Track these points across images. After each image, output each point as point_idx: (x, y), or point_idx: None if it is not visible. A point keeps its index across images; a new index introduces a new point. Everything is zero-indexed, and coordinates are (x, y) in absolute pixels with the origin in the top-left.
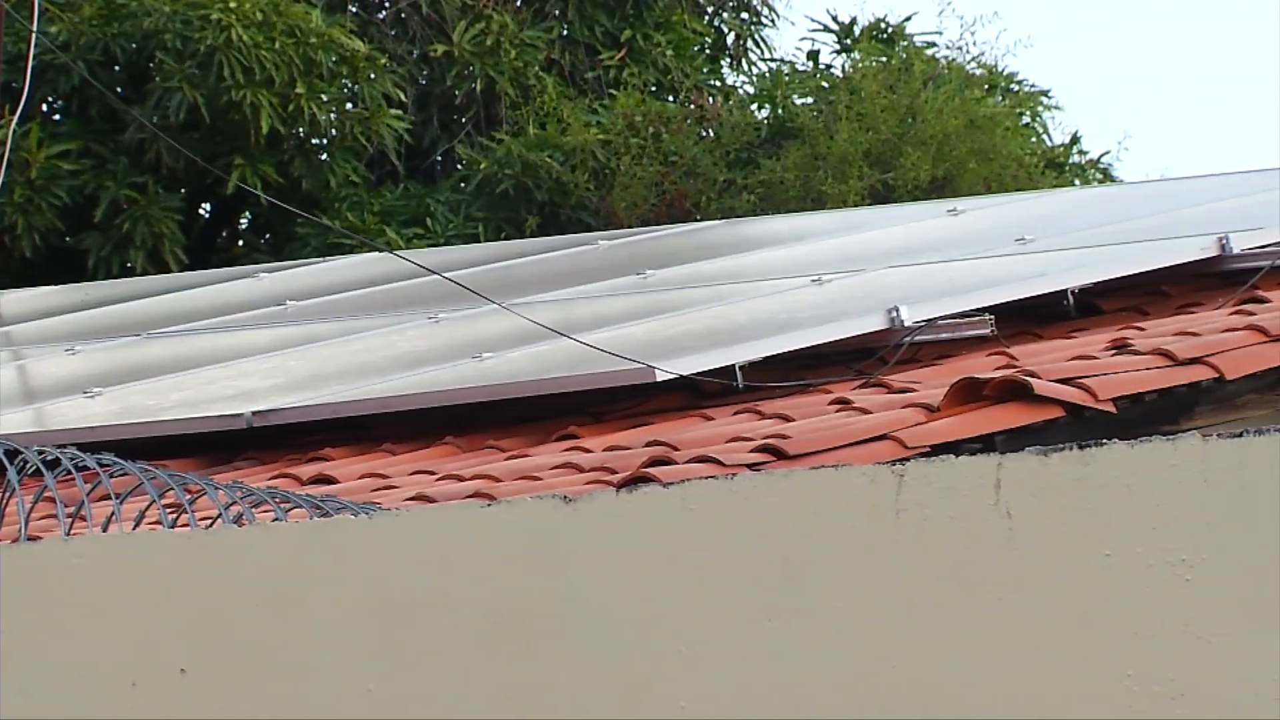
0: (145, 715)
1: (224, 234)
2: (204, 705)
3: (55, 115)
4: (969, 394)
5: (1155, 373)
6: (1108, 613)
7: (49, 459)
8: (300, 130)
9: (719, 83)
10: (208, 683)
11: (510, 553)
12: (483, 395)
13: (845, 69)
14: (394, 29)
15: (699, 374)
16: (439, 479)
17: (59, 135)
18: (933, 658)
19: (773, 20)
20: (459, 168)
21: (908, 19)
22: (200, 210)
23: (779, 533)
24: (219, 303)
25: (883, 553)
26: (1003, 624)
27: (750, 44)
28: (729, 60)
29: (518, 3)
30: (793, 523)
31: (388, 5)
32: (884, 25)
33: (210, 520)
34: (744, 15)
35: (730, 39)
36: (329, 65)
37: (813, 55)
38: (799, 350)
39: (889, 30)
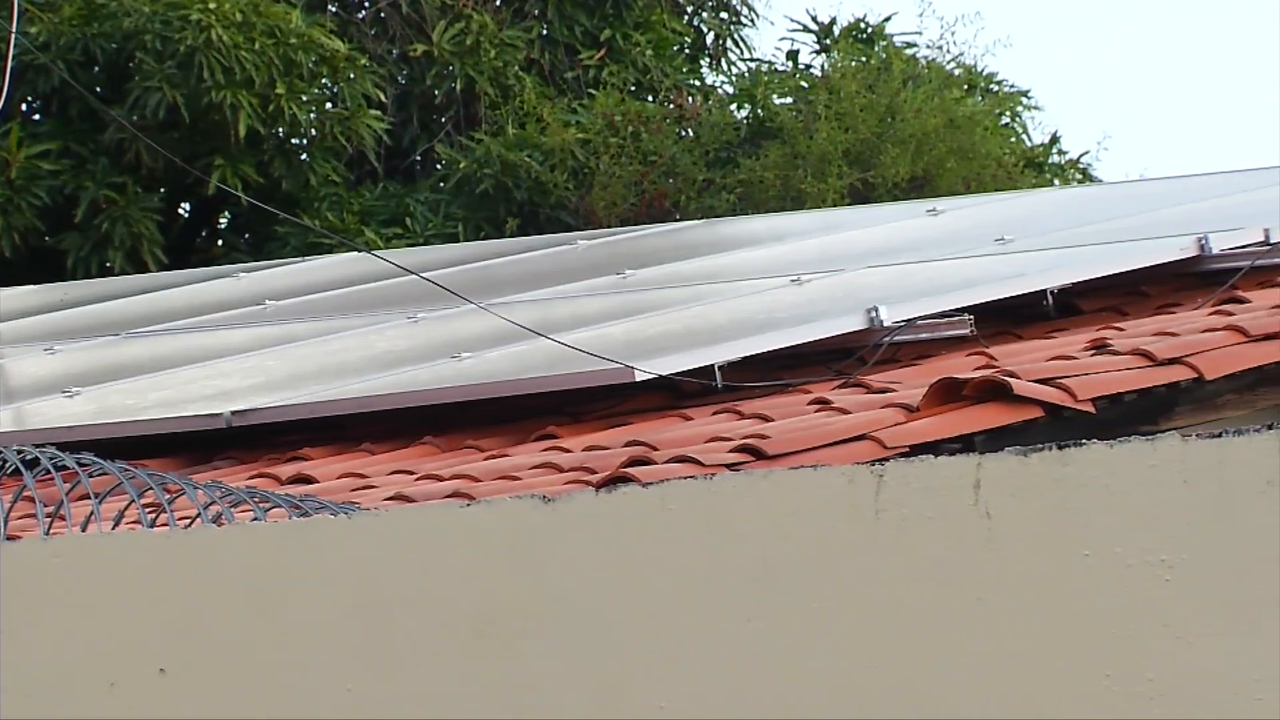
0: (124, 715)
1: (203, 234)
2: (183, 705)
3: (35, 115)
4: (948, 394)
5: (1134, 373)
6: (1087, 613)
7: (28, 458)
8: (280, 130)
9: (698, 82)
10: (187, 683)
11: (489, 553)
12: (461, 395)
13: (824, 69)
14: (374, 29)
15: (678, 374)
16: (418, 479)
17: (39, 135)
18: (912, 658)
19: (752, 20)
20: (438, 167)
21: (887, 19)
22: (179, 210)
23: (758, 533)
24: (198, 302)
25: (862, 553)
26: (982, 624)
27: (730, 44)
28: (708, 60)
29: (497, 2)
30: (772, 523)
31: (367, 5)
32: (863, 25)
33: (189, 520)
34: (723, 15)
35: (710, 39)
36: (309, 65)
37: (792, 55)
38: (778, 350)
39: (868, 30)
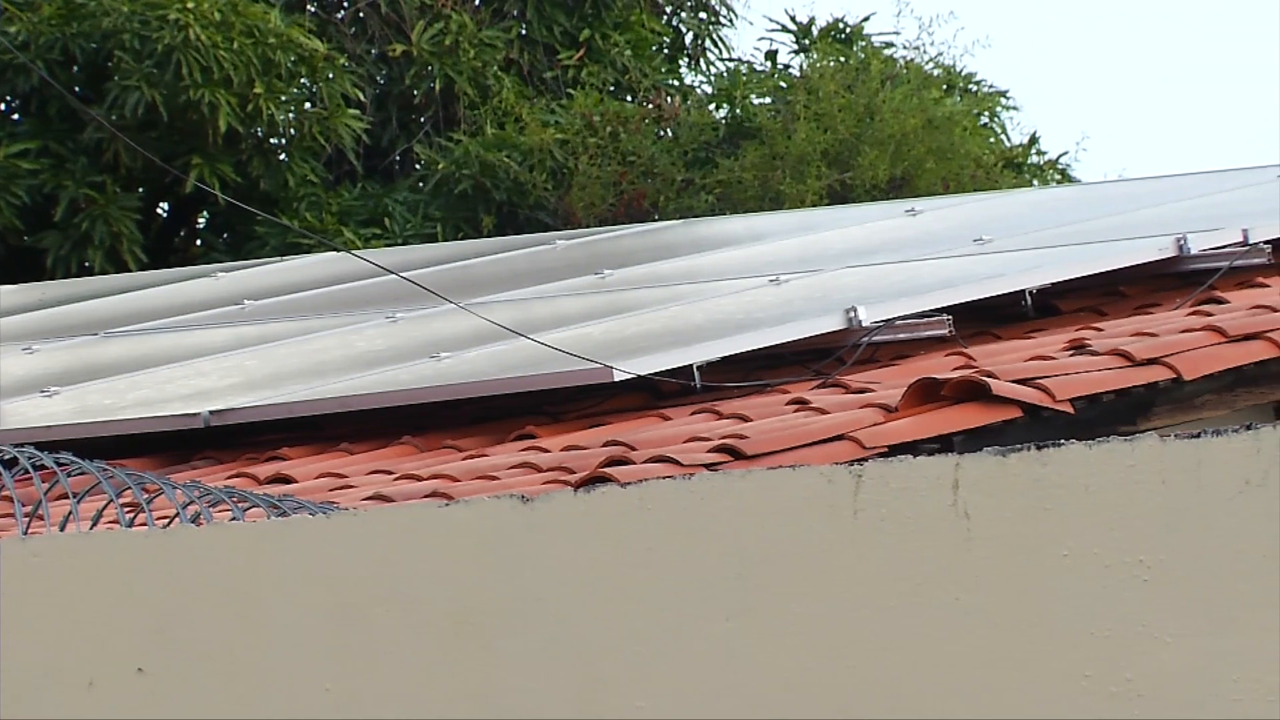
0: (102, 715)
1: (182, 233)
2: (161, 705)
3: (14, 115)
4: (927, 394)
5: (1113, 373)
6: (1065, 613)
7: (6, 458)
8: (258, 130)
9: (677, 82)
10: (165, 682)
11: (468, 553)
12: (440, 395)
13: (803, 69)
14: (352, 28)
15: (657, 374)
16: (396, 479)
17: (18, 135)
18: (890, 658)
19: (731, 20)
20: (417, 168)
21: (865, 19)
22: (158, 209)
23: (736, 533)
24: (177, 302)
25: (840, 553)
26: (960, 624)
27: (708, 44)
28: (687, 60)
29: (476, 2)
30: (750, 523)
31: (346, 5)
32: (842, 25)
33: (168, 520)
34: (702, 15)
35: (689, 39)
36: (287, 65)
37: (771, 55)
38: (757, 350)
39: (847, 30)
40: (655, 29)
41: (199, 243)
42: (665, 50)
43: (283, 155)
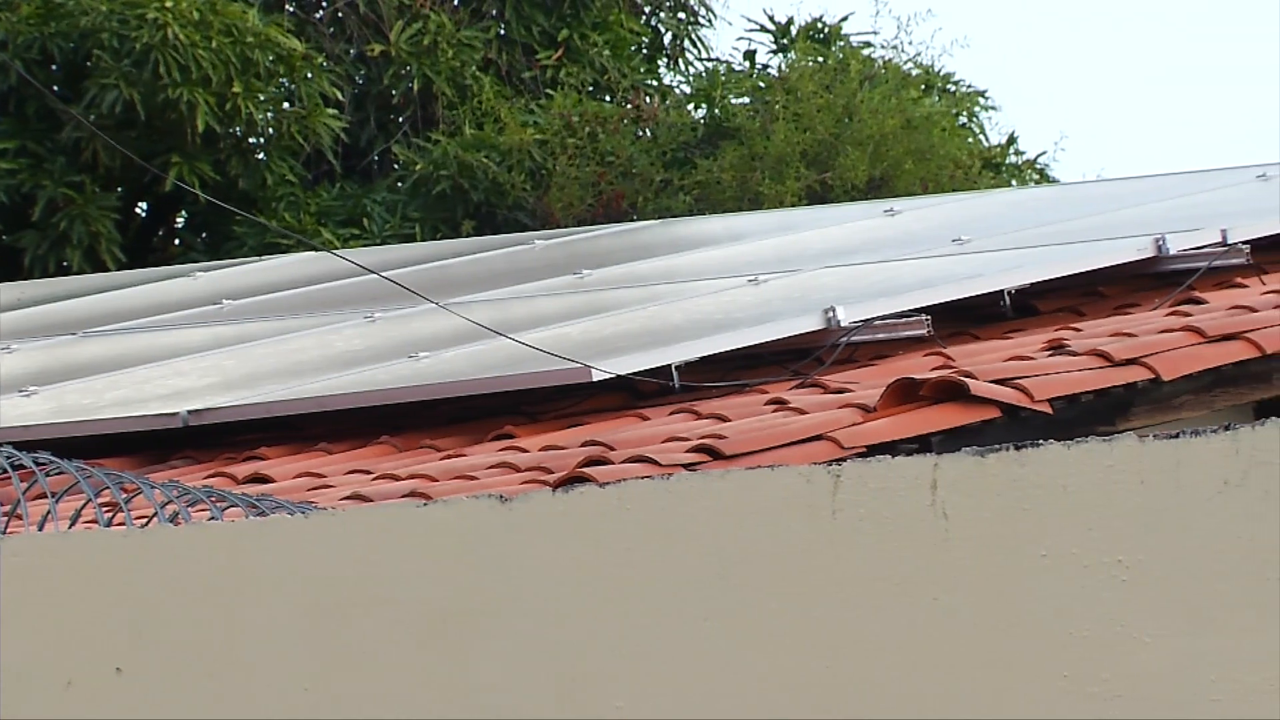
0: (81, 715)
1: (160, 233)
2: (140, 705)
3: None
4: (905, 394)
5: (1092, 373)
6: (1044, 613)
7: None
8: (237, 129)
9: (656, 83)
10: (144, 682)
11: (446, 552)
12: (419, 395)
13: (782, 69)
14: (331, 28)
15: (635, 374)
16: (375, 478)
17: None
18: (869, 658)
19: (710, 20)
20: (395, 168)
21: (844, 19)
22: (137, 209)
23: (715, 533)
24: (155, 302)
25: (819, 553)
26: (939, 624)
27: (687, 44)
28: (666, 60)
29: (455, 2)
30: (729, 523)
31: (325, 5)
32: (820, 25)
33: (146, 519)
34: (681, 15)
35: (667, 39)
36: (266, 64)
37: (749, 55)
38: (735, 350)
39: (825, 30)
40: (634, 29)
41: (177, 242)
42: (644, 50)
43: (261, 155)
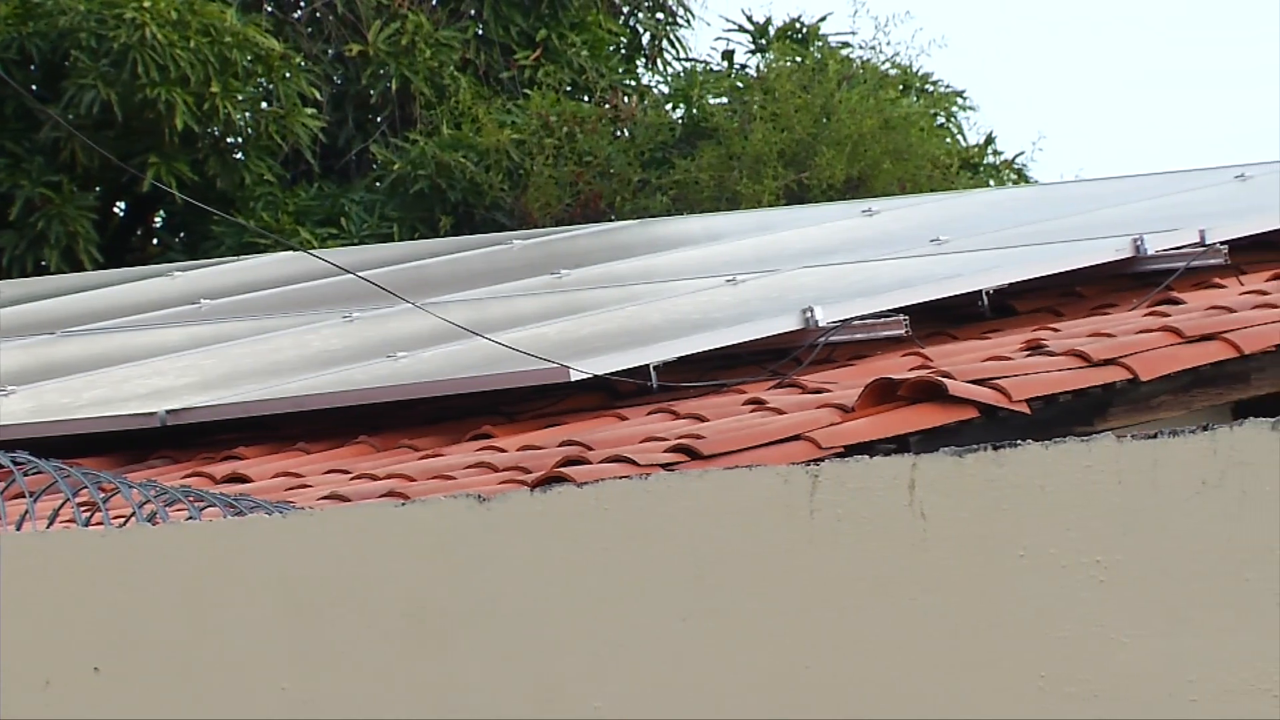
0: (59, 714)
1: (138, 233)
2: (117, 704)
3: None
4: (883, 394)
5: (1070, 374)
6: (1021, 613)
7: None
8: (215, 129)
9: (634, 82)
10: (121, 682)
11: (424, 552)
12: (397, 395)
13: (760, 69)
14: (309, 28)
15: (613, 374)
16: (353, 478)
17: None
18: (846, 658)
19: (688, 20)
20: (373, 167)
21: (822, 19)
22: (115, 209)
23: (693, 533)
24: (133, 301)
25: (797, 553)
26: (916, 624)
27: (665, 44)
28: (644, 60)
29: (433, 2)
30: (707, 523)
31: (303, 4)
32: (799, 25)
33: (124, 519)
34: (659, 15)
35: (645, 39)
36: (244, 64)
37: (728, 55)
38: (713, 350)
39: (803, 30)
40: (612, 29)
41: (155, 242)
42: (622, 50)
43: (239, 154)
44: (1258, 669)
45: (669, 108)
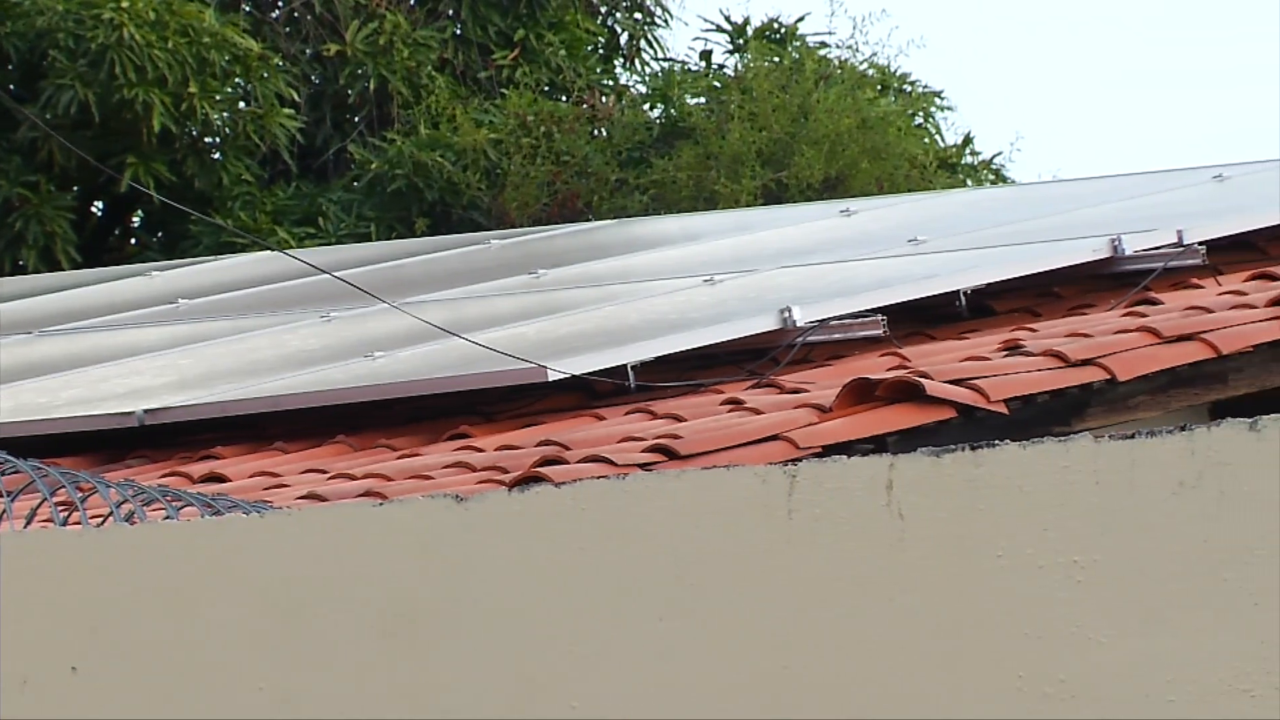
0: (36, 714)
1: (116, 232)
2: (95, 704)
3: None
4: (861, 394)
5: (1047, 374)
6: (999, 613)
7: None
8: (193, 129)
9: (612, 82)
10: (99, 681)
11: (402, 552)
12: (374, 394)
13: (738, 69)
14: (287, 28)
15: (591, 374)
16: (330, 478)
17: None
18: (824, 658)
19: (666, 20)
20: (351, 167)
21: (800, 19)
22: (93, 209)
23: (671, 533)
24: (111, 301)
25: (775, 553)
26: (894, 625)
27: (643, 44)
28: (622, 60)
29: (411, 2)
30: (684, 523)
31: (281, 5)
32: (776, 25)
33: (102, 518)
34: (637, 15)
35: (623, 39)
36: (222, 64)
37: (705, 55)
38: (691, 350)
39: (781, 30)
40: (590, 29)
41: (133, 242)
42: (600, 50)
43: (217, 154)
44: (1235, 669)
45: (647, 107)
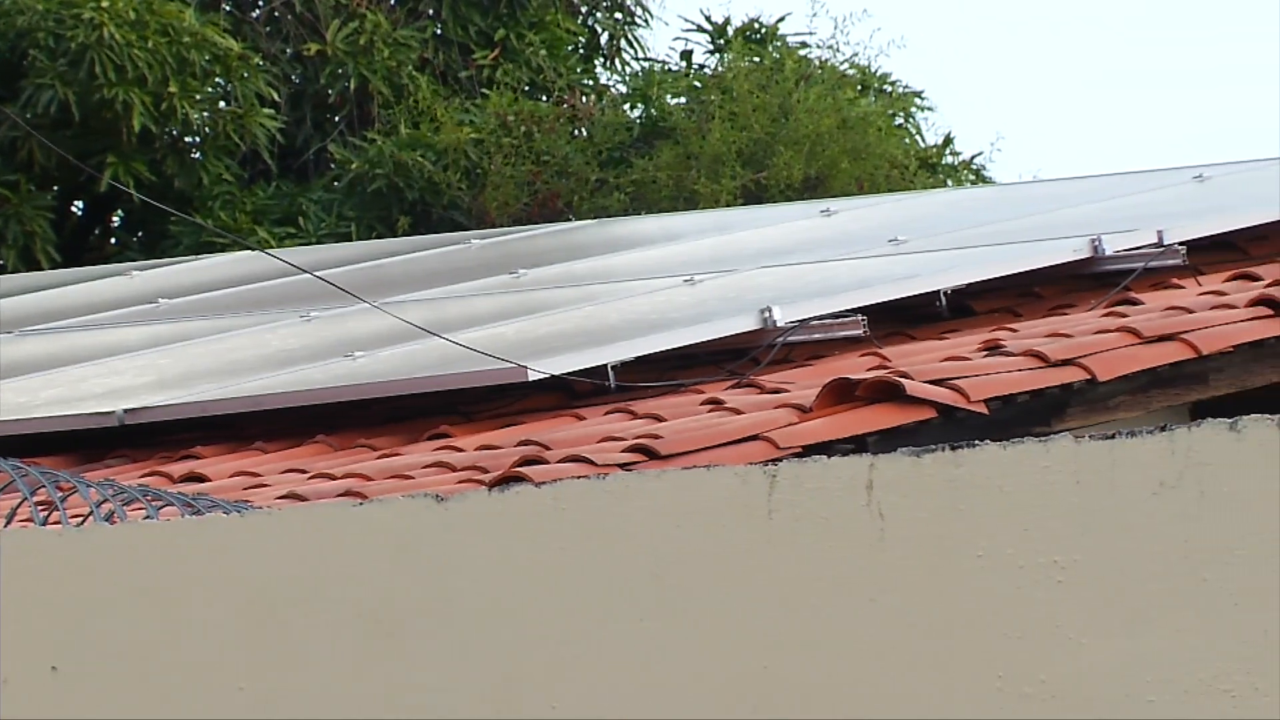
0: (16, 714)
1: (96, 232)
2: (75, 704)
3: None
4: (841, 395)
5: (1027, 374)
6: (979, 614)
7: None
8: (173, 129)
9: (592, 82)
10: (79, 681)
11: (382, 552)
12: (354, 394)
13: (718, 69)
14: (267, 28)
15: (571, 374)
16: (310, 477)
17: None
18: (804, 658)
19: (646, 20)
20: (331, 167)
21: (781, 19)
22: (73, 208)
23: (651, 533)
24: (91, 301)
25: (755, 553)
26: (874, 625)
27: (624, 43)
28: (602, 60)
29: (391, 2)
30: (665, 523)
31: (261, 4)
32: (757, 25)
33: (82, 518)
34: (618, 15)
35: (604, 39)
36: (202, 64)
37: (686, 55)
38: (671, 350)
39: (762, 30)
40: (570, 29)
41: (113, 241)
42: (580, 50)
43: (197, 154)
44: (1216, 669)
45: (627, 107)
